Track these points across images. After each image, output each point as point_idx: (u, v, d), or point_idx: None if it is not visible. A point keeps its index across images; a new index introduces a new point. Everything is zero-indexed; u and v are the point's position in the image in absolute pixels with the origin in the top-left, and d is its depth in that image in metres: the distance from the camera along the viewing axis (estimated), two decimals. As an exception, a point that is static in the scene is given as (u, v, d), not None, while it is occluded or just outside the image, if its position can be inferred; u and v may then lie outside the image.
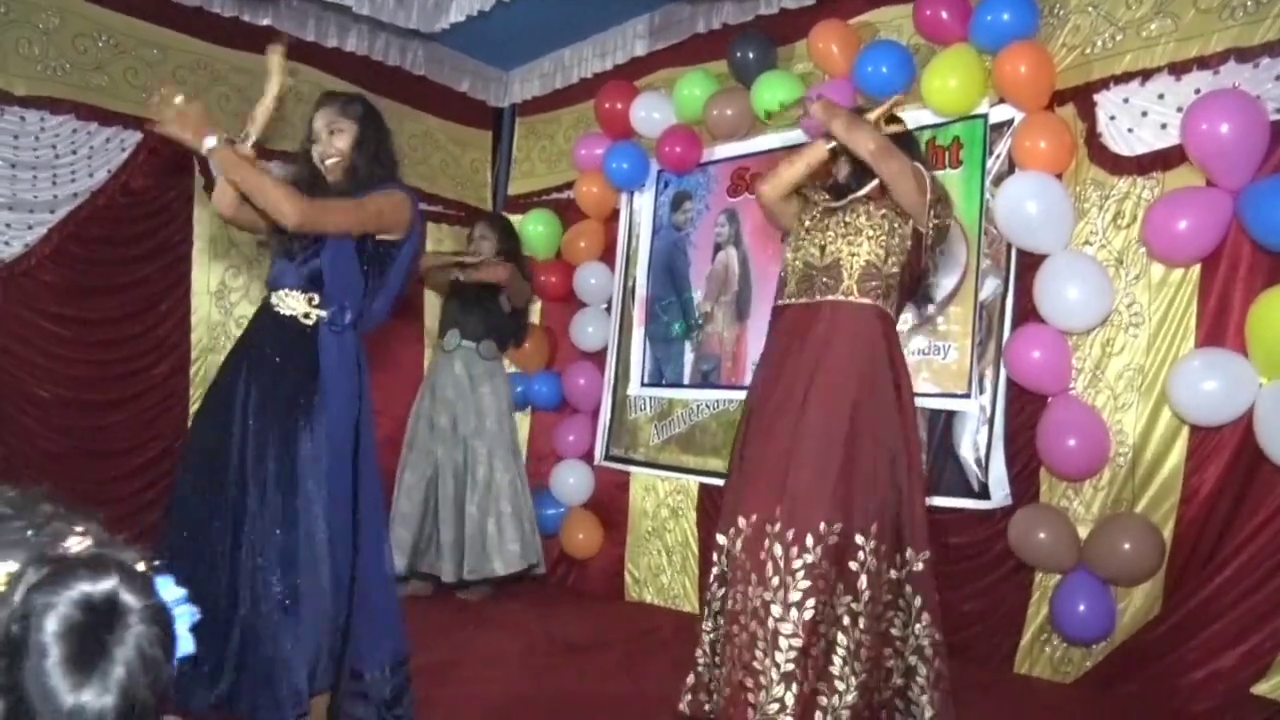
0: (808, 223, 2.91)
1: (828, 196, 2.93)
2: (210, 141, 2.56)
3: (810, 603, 2.52)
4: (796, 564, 2.55)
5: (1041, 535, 3.46)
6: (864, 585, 2.58)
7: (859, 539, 2.60)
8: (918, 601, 2.71)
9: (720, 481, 4.55)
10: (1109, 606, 3.38)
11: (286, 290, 2.75)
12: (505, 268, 4.88)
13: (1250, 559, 3.06)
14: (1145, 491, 3.40)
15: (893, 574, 2.68)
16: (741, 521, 2.72)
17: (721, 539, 2.86)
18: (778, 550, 2.59)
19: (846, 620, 2.58)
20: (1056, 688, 3.53)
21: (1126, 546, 3.28)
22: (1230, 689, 3.07)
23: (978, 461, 3.75)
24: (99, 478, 4.54)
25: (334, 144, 2.83)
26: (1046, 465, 3.59)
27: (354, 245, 2.76)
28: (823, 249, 2.81)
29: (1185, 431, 3.33)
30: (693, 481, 4.77)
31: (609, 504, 5.17)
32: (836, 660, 2.56)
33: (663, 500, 4.93)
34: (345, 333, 2.77)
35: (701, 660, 2.91)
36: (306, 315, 2.72)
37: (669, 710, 2.98)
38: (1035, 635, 3.63)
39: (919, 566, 2.71)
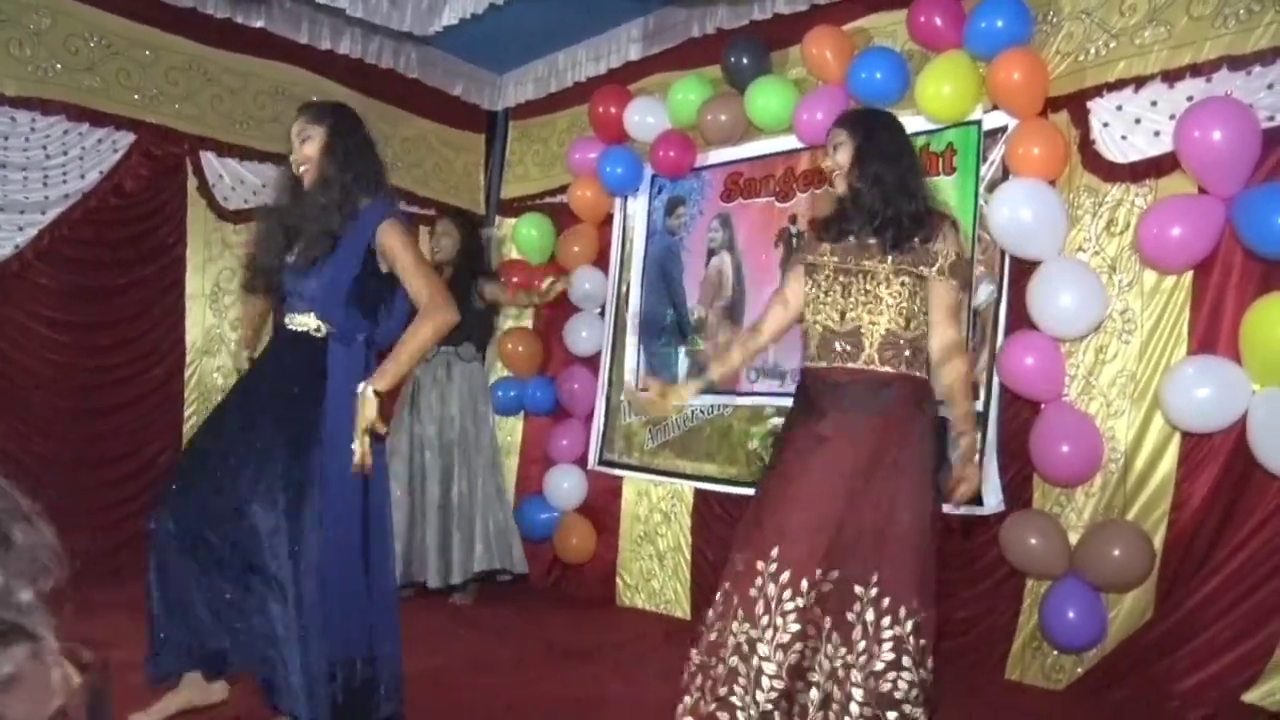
0: (822, 283, 2.75)
1: (829, 252, 2.76)
2: (368, 389, 2.62)
3: (798, 646, 2.50)
4: (789, 606, 2.51)
5: (1033, 541, 3.46)
6: (858, 636, 2.52)
7: (858, 589, 2.54)
8: (916, 656, 2.55)
9: (714, 487, 4.58)
10: (1099, 613, 3.37)
11: (298, 314, 2.79)
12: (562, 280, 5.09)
13: (1241, 566, 3.06)
14: (1137, 498, 3.40)
15: (895, 630, 2.55)
16: (738, 558, 2.67)
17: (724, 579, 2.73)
18: (770, 590, 2.54)
19: (841, 673, 2.51)
20: (1048, 695, 3.52)
21: (1117, 553, 3.28)
22: (1221, 696, 3.07)
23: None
24: (91, 483, 4.53)
25: (303, 151, 2.82)
26: (1039, 471, 3.59)
27: (352, 275, 2.74)
28: (842, 314, 2.69)
29: (1177, 438, 3.33)
30: (686, 486, 4.76)
31: (602, 509, 5.16)
32: (831, 715, 2.51)
33: (655, 505, 4.92)
34: (354, 347, 2.78)
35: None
36: (318, 329, 2.76)
37: (661, 715, 2.96)
38: (1026, 642, 3.62)
39: (921, 617, 2.56)
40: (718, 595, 2.67)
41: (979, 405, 3.76)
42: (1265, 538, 3.04)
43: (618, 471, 5.07)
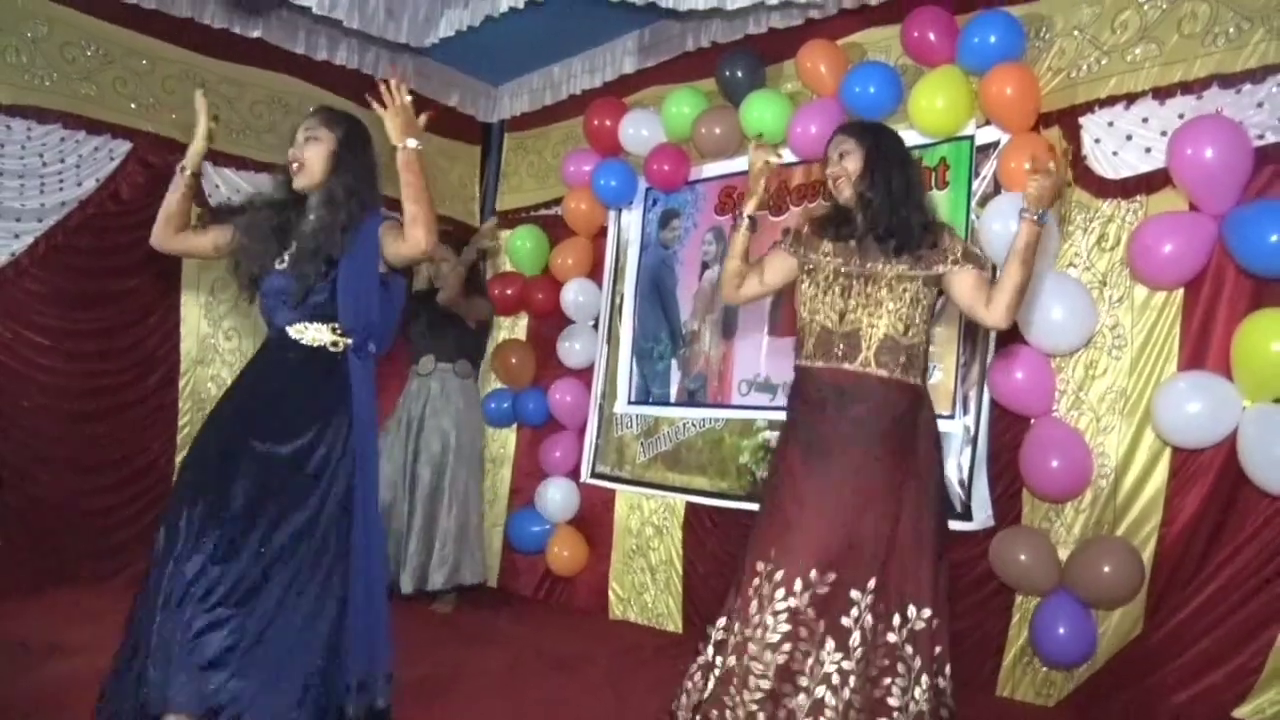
0: (821, 282, 2.77)
1: (831, 252, 2.78)
2: (413, 143, 2.63)
3: (786, 647, 2.50)
4: (780, 606, 2.52)
5: (1022, 557, 3.46)
6: (856, 642, 2.50)
7: (854, 594, 2.52)
8: (917, 663, 2.56)
9: (706, 500, 4.57)
10: (1089, 629, 3.37)
11: (304, 324, 2.68)
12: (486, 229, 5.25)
13: (1231, 580, 3.06)
14: (1127, 514, 3.40)
15: (890, 636, 2.56)
16: (745, 560, 2.68)
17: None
18: (765, 589, 2.56)
19: (836, 679, 2.48)
20: (1039, 711, 3.51)
21: (1107, 569, 3.27)
22: (1212, 711, 3.05)
23: (961, 483, 3.75)
24: (84, 488, 4.53)
25: (305, 151, 2.75)
26: (1029, 487, 3.59)
27: (378, 276, 2.72)
28: (841, 315, 2.71)
29: (1167, 454, 3.33)
30: (679, 500, 4.75)
31: (594, 521, 5.16)
32: None
33: (648, 518, 4.91)
34: (368, 360, 2.75)
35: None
36: (334, 344, 2.68)
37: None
38: (1017, 658, 3.62)
39: (920, 625, 2.58)
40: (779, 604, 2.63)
41: (969, 421, 3.77)
42: (1254, 552, 3.04)
43: (610, 484, 5.07)
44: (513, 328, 5.83)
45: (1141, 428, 3.38)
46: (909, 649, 2.56)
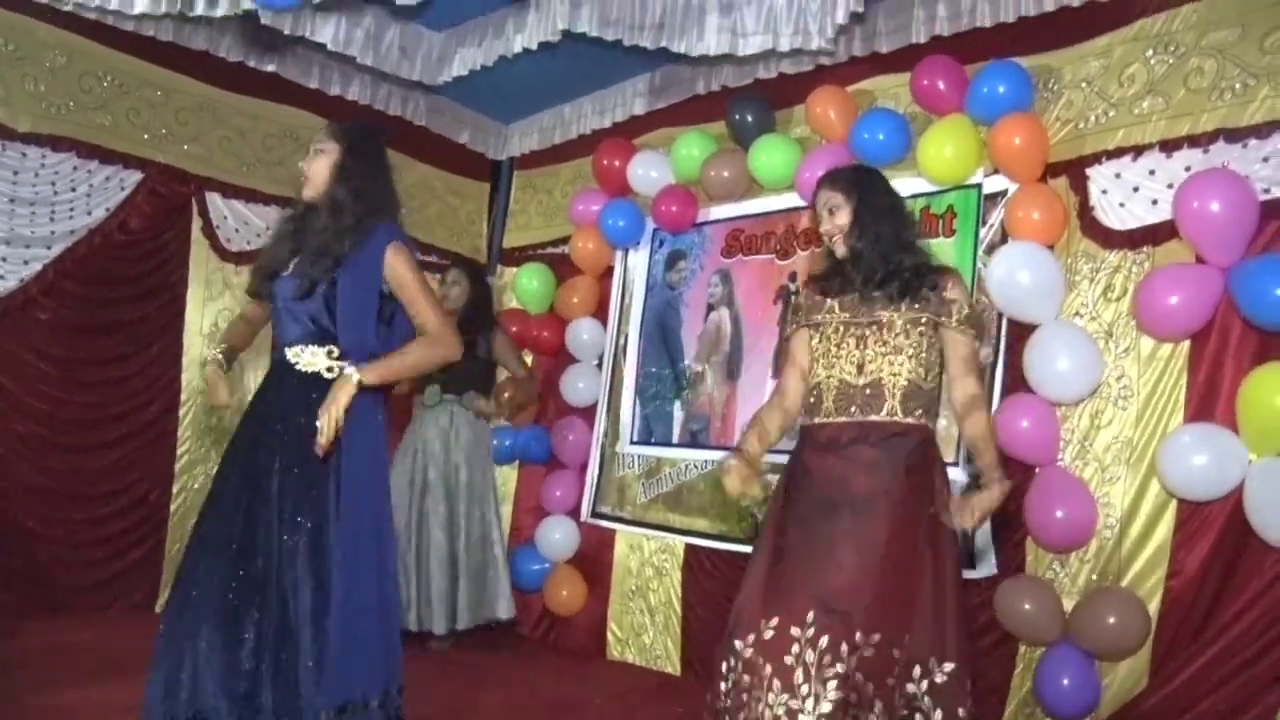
0: (832, 336, 2.74)
1: (837, 307, 2.75)
2: (354, 375, 2.56)
3: (840, 716, 2.42)
4: (829, 673, 2.44)
5: (1026, 606, 3.43)
6: (899, 703, 2.46)
7: (896, 653, 2.47)
8: (938, 715, 2.48)
9: (706, 543, 4.54)
10: (1094, 681, 3.34)
11: (301, 346, 2.69)
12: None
13: (1238, 636, 3.03)
14: (1132, 565, 3.37)
15: (909, 687, 2.50)
16: (764, 624, 2.57)
17: (738, 644, 2.59)
18: (809, 656, 2.47)
19: None
20: (1040, 763, 3.48)
21: (1112, 620, 3.25)
22: (1217, 771, 3.02)
23: (964, 531, 3.72)
24: (81, 517, 4.51)
25: (312, 165, 2.77)
26: (1033, 536, 3.57)
27: (378, 291, 2.72)
28: (860, 367, 2.67)
29: (1173, 505, 3.31)
30: (679, 541, 4.73)
31: (594, 560, 5.12)
32: None
33: (648, 559, 4.88)
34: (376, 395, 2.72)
35: None
36: (330, 369, 2.66)
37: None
38: (1019, 708, 3.58)
39: (940, 679, 2.51)
40: (733, 662, 2.57)
41: (972, 469, 3.75)
42: (1263, 608, 3.01)
43: (610, 524, 5.04)
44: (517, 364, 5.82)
45: (1147, 479, 3.37)
46: (927, 700, 2.49)
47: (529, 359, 5.59)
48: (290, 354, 2.70)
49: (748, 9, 4.04)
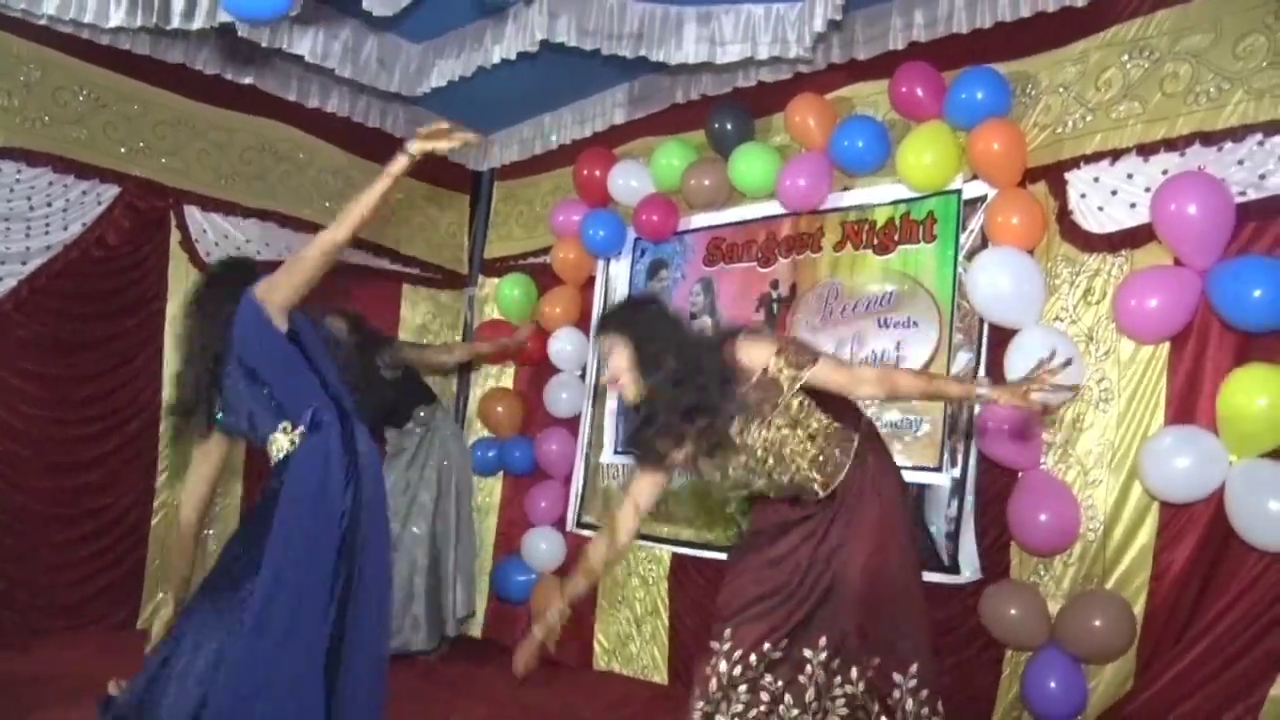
0: (724, 474, 2.68)
1: (692, 454, 2.66)
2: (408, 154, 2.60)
3: (752, 714, 2.54)
4: (837, 692, 2.56)
5: (1011, 611, 3.43)
6: (811, 697, 2.56)
7: (807, 652, 2.57)
8: (875, 708, 2.57)
9: (692, 551, 4.54)
10: (1080, 684, 3.34)
11: (272, 436, 2.65)
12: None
13: (1222, 636, 3.04)
14: (1116, 567, 3.38)
15: (848, 689, 2.59)
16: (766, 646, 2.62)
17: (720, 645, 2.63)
18: (723, 666, 2.57)
19: None
20: (1028, 767, 3.48)
21: (1098, 623, 3.26)
22: (1203, 771, 3.03)
23: (949, 535, 3.73)
24: (61, 536, 4.45)
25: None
26: (1017, 540, 3.58)
27: (281, 339, 2.64)
28: (770, 476, 2.65)
29: (1155, 508, 3.32)
30: (665, 551, 4.71)
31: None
32: None
33: (634, 569, 4.87)
34: (326, 441, 2.60)
35: None
36: (291, 444, 2.62)
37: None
38: (1006, 713, 3.58)
39: (871, 674, 2.59)
40: (737, 676, 2.58)
41: (956, 474, 3.76)
42: (1245, 608, 3.02)
43: (596, 534, 5.02)
44: (499, 376, 5.81)
45: (1129, 481, 3.38)
46: (867, 698, 2.57)
47: (511, 369, 5.59)
48: (270, 448, 2.67)
49: (726, 18, 4.06)
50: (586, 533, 5.04)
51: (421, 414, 4.99)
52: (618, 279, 5.21)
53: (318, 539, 2.53)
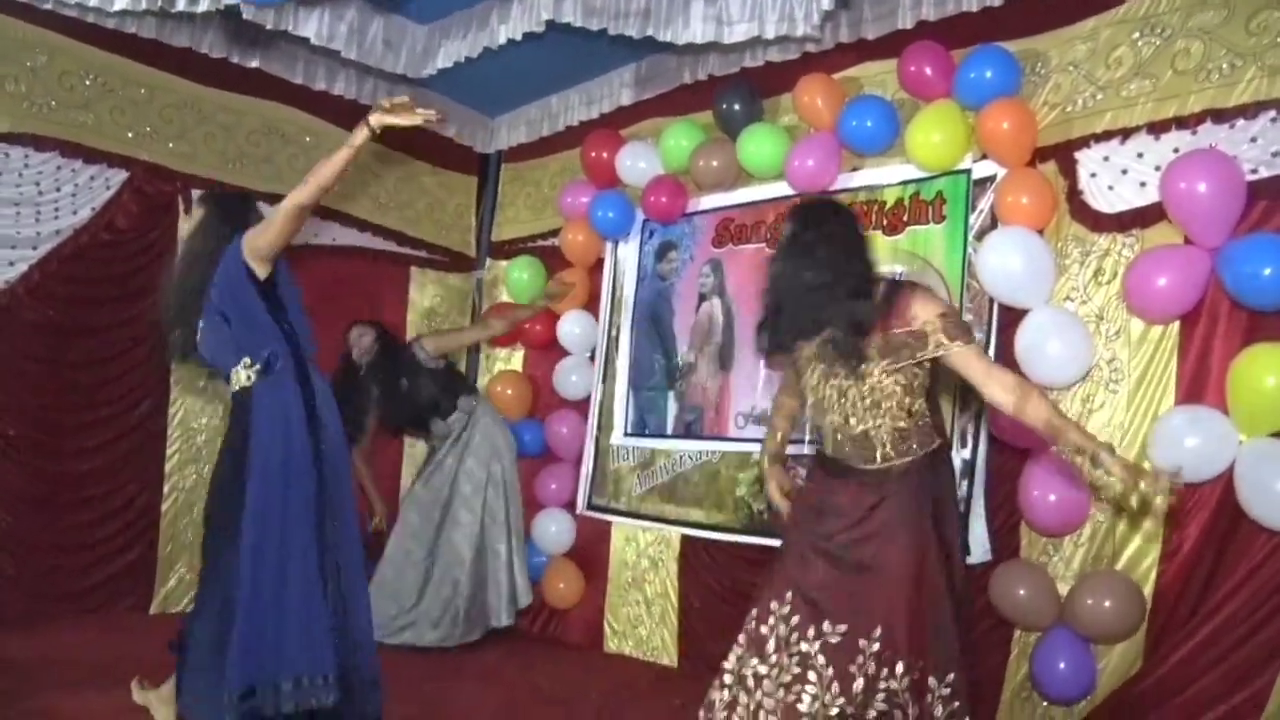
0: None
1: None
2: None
3: (797, 688, 2.51)
4: (794, 649, 2.55)
5: (1021, 591, 3.43)
6: (859, 689, 2.50)
7: (861, 642, 2.53)
8: (914, 712, 2.53)
9: (702, 533, 4.55)
10: (1089, 664, 3.34)
11: (235, 370, 2.93)
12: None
13: (1231, 616, 3.03)
14: (1126, 548, 3.38)
15: (892, 684, 2.54)
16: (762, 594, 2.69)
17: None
18: (781, 630, 2.58)
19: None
20: (1037, 747, 3.48)
21: (1107, 604, 3.25)
22: (1212, 750, 3.03)
23: (959, 517, 3.73)
24: (72, 521, 4.47)
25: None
26: (1027, 521, 3.57)
27: (251, 287, 2.89)
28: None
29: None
30: (674, 532, 4.73)
31: (590, 553, 5.12)
32: None
33: (644, 550, 4.88)
34: (282, 380, 2.91)
35: None
36: (249, 378, 2.90)
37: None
38: (1016, 692, 3.58)
39: (918, 675, 2.56)
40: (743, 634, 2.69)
41: (967, 455, 3.76)
42: (1254, 588, 3.01)
43: (606, 516, 5.04)
44: (509, 359, 5.82)
45: (1139, 461, 3.36)
46: (907, 697, 2.53)
47: (520, 352, 5.59)
48: (231, 381, 2.96)
49: (732, -4, 4.02)
50: (596, 515, 5.06)
51: (461, 403, 4.96)
52: (626, 261, 5.20)
53: (290, 464, 2.85)
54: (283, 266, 2.99)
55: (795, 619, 2.57)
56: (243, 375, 2.90)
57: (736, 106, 4.62)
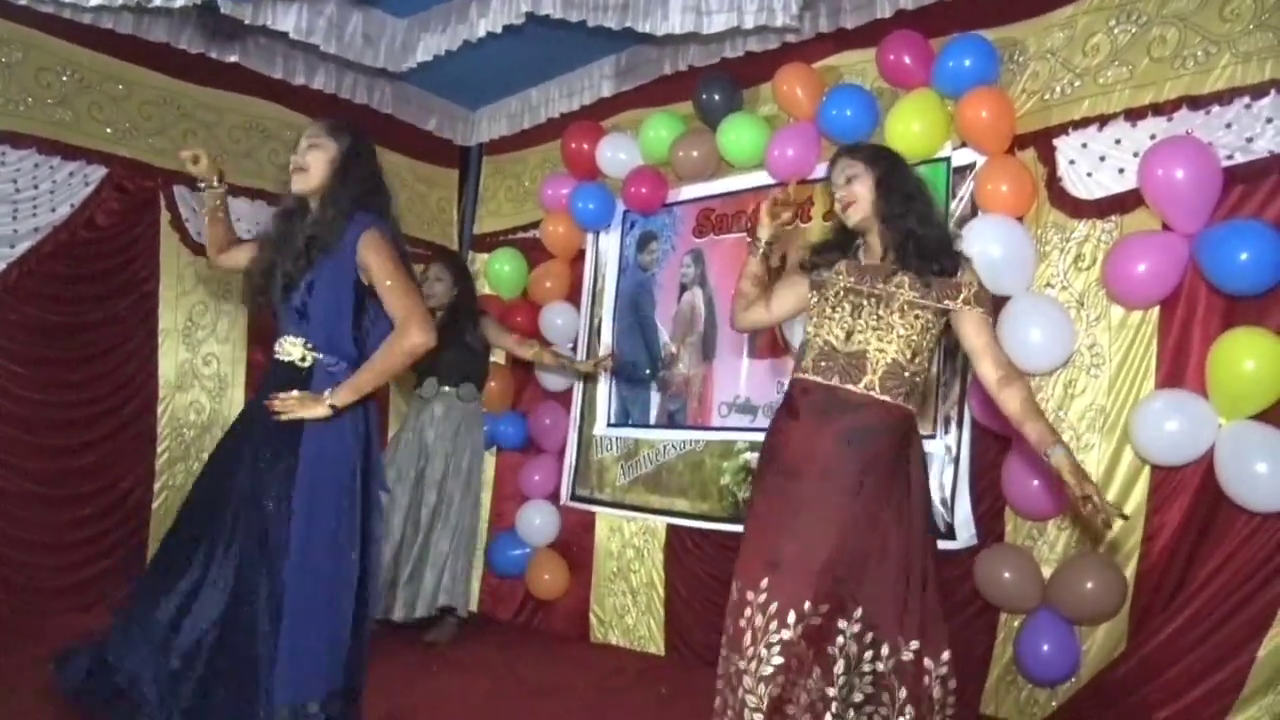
0: (830, 298, 2.75)
1: (844, 270, 2.77)
2: (325, 399, 2.68)
3: (780, 679, 2.48)
4: (774, 638, 2.50)
5: (1006, 575, 3.47)
6: (840, 671, 2.51)
7: (841, 623, 2.53)
8: (902, 694, 2.55)
9: (687, 522, 4.57)
10: (1073, 646, 3.38)
11: (287, 337, 2.79)
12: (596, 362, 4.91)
13: (1212, 597, 3.07)
14: (1108, 531, 3.41)
15: (878, 665, 2.57)
16: (734, 586, 2.65)
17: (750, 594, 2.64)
18: (758, 620, 2.54)
19: (819, 706, 2.50)
20: (1022, 729, 3.52)
21: (1089, 586, 3.29)
22: (1194, 728, 3.07)
23: (943, 502, 3.76)
24: (62, 519, 4.44)
25: (306, 156, 2.81)
26: (1011, 505, 3.61)
27: (352, 285, 2.76)
28: (848, 334, 2.68)
29: (1147, 471, 3.35)
30: (659, 522, 4.74)
31: (575, 545, 5.13)
32: None
33: (628, 541, 4.90)
34: (341, 376, 2.75)
35: None
36: (303, 359, 2.76)
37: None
38: (1001, 676, 3.62)
39: (908, 656, 2.57)
40: (773, 633, 2.60)
41: (950, 440, 3.79)
42: (1235, 569, 3.05)
43: (590, 507, 5.05)
44: (492, 351, 5.81)
45: (1121, 446, 3.40)
46: (894, 679, 2.56)
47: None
48: (276, 345, 2.81)
49: (712, -13, 4.03)
50: (580, 506, 5.07)
51: (466, 390, 4.92)
52: (608, 252, 5.21)
53: (340, 478, 2.74)
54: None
55: (773, 606, 2.54)
56: (296, 350, 2.77)
57: (716, 97, 4.63)
